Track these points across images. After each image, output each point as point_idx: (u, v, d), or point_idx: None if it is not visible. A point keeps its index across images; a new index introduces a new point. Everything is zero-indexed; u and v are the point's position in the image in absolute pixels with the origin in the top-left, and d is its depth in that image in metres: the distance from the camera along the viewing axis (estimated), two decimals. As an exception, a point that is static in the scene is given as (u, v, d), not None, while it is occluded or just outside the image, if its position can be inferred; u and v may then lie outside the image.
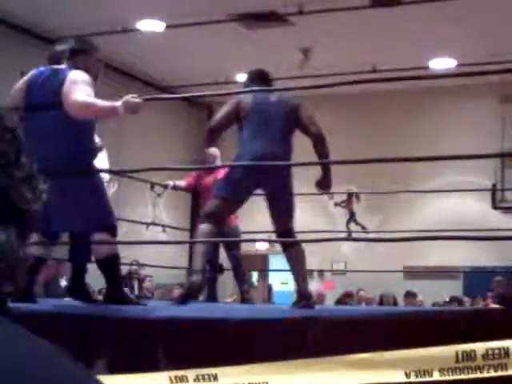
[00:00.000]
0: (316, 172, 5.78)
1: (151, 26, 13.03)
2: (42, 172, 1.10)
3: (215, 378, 3.21)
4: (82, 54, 5.30)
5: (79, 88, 4.93)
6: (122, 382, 3.48)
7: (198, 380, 3.24)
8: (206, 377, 3.23)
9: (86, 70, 5.15)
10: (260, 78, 6.04)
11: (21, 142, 1.03)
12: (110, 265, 5.25)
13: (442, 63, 14.11)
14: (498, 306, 10.71)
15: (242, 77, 15.19)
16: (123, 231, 6.07)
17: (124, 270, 12.39)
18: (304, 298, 5.51)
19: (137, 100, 4.89)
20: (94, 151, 5.40)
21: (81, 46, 5.35)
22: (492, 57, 12.39)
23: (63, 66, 5.21)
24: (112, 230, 5.25)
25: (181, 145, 16.41)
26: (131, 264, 11.61)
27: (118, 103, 4.85)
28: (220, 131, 5.90)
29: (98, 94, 5.00)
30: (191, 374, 3.28)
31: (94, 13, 12.15)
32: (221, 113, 5.81)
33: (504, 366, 3.11)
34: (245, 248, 11.28)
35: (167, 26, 12.91)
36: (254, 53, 14.13)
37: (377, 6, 11.91)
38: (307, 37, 13.26)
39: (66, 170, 4.97)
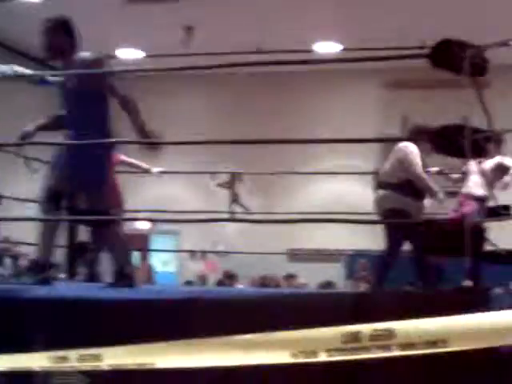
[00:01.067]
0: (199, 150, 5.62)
1: (29, -5, 12.56)
2: None
3: (99, 358, 3.06)
4: None
5: None
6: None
7: (82, 360, 3.09)
8: (89, 357, 3.08)
9: None
10: None
11: None
12: None
13: (327, 47, 14.14)
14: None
15: (123, 52, 14.88)
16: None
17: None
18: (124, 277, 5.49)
19: None
20: None
21: None
22: (376, 42, 12.47)
23: None
24: None
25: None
26: (1, 241, 11.24)
27: None
28: None
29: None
30: (73, 354, 3.12)
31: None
32: None
33: (389, 347, 3.07)
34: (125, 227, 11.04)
35: (46, -4, 12.47)
36: (136, 28, 13.84)
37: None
38: (191, 14, 13.05)
39: None
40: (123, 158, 8.80)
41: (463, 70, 4.43)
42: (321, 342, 3.03)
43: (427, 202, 7.09)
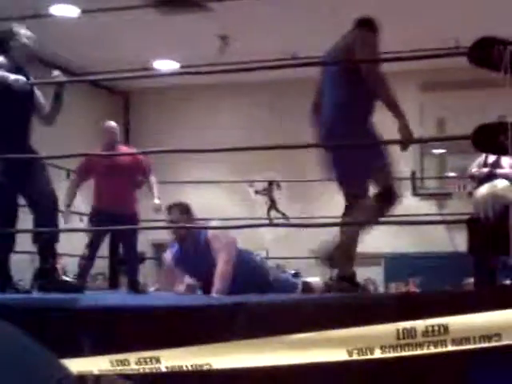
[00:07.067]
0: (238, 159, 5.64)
1: (65, 11, 12.70)
2: None
3: (157, 360, 3.11)
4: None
5: None
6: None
7: (140, 363, 3.14)
8: (148, 360, 3.14)
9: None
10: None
11: None
12: None
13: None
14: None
15: (159, 64, 14.97)
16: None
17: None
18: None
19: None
20: None
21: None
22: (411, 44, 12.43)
23: None
24: None
25: (97, 132, 16.04)
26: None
27: None
28: None
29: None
30: (133, 357, 3.18)
31: (3, -2, 11.79)
32: None
33: (443, 343, 3.07)
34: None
35: (82, 11, 12.60)
36: (171, 39, 13.94)
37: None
38: (226, 23, 13.13)
39: None
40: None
41: (503, 68, 4.43)
42: (376, 339, 3.04)
43: None
